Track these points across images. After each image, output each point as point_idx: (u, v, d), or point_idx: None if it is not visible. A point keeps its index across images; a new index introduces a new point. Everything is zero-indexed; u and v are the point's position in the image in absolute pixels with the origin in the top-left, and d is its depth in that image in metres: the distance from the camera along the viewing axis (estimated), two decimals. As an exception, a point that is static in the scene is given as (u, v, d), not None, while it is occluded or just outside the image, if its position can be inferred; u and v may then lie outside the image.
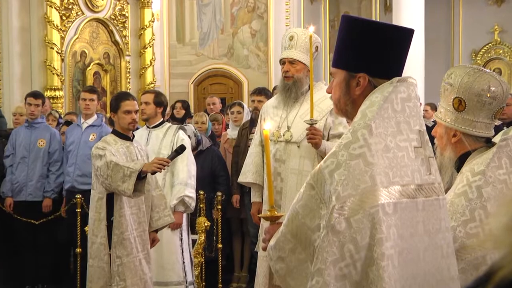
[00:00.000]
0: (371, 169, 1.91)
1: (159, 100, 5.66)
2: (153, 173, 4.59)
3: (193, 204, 5.63)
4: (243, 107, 7.47)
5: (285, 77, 4.62)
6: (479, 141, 2.60)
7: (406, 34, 2.13)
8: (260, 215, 2.38)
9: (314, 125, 4.28)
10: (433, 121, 9.53)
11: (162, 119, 5.76)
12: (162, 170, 4.56)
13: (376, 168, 1.92)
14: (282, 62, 4.66)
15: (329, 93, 2.24)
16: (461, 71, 2.60)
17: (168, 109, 8.38)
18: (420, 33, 12.23)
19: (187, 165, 5.58)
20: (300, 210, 2.00)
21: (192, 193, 5.59)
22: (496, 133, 2.62)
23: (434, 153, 2.72)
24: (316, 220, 1.96)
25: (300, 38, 4.59)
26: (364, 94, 2.09)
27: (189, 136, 6.07)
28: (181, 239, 5.68)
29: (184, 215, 5.69)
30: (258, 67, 14.66)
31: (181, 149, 4.73)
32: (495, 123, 2.63)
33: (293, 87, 4.61)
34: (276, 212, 2.25)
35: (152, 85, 13.33)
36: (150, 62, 13.16)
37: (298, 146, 4.55)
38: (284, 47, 4.65)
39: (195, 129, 6.92)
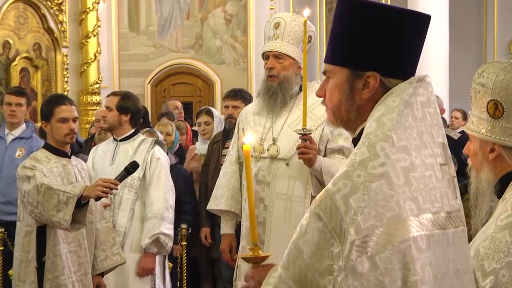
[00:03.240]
0: (397, 193, 1.92)
1: (124, 105, 5.64)
2: (97, 198, 4.56)
3: (170, 244, 5.62)
4: (212, 116, 7.47)
5: (269, 76, 4.62)
6: None
7: (423, 22, 2.15)
8: (241, 255, 2.36)
9: (307, 135, 4.29)
10: (459, 132, 9.59)
11: (132, 129, 5.75)
12: (109, 195, 4.54)
13: (403, 191, 1.93)
14: (266, 56, 4.66)
15: (320, 97, 2.24)
16: (496, 67, 2.61)
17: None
18: (444, 23, 12.37)
19: (163, 193, 5.57)
20: (304, 248, 1.97)
21: (170, 230, 5.58)
22: None
23: (467, 177, 2.73)
24: (325, 261, 1.94)
25: (289, 25, 4.59)
26: (374, 99, 2.08)
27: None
28: (154, 289, 5.67)
29: (158, 257, 5.69)
30: (235, 62, 14.70)
31: (132, 166, 4.71)
32: None
33: (279, 89, 4.60)
34: (260, 252, 2.23)
35: (97, 85, 13.31)
36: (95, 55, 13.14)
37: (287, 164, 4.54)
38: (268, 37, 4.65)
39: (163, 139, 6.92)
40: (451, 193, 2.05)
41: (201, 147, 7.42)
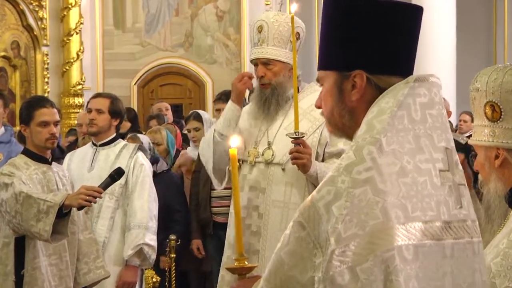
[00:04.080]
0: (383, 200, 1.92)
1: (117, 109, 5.67)
2: (80, 207, 4.56)
3: (153, 256, 5.62)
4: (202, 121, 7.44)
5: (261, 84, 4.63)
6: None
7: (412, 14, 2.15)
8: (225, 266, 2.37)
9: (300, 139, 4.29)
10: (467, 136, 9.60)
11: (115, 134, 5.76)
12: (92, 203, 4.54)
13: (390, 198, 1.93)
14: (254, 63, 4.68)
15: (318, 107, 2.25)
16: (488, 70, 2.64)
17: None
18: (451, 17, 12.38)
19: (147, 202, 5.57)
20: (286, 259, 2.00)
21: (154, 241, 5.57)
22: None
23: (479, 193, 2.72)
24: (308, 272, 1.95)
25: (272, 27, 4.58)
26: (366, 100, 2.09)
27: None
28: (135, 306, 5.67)
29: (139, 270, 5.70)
30: (227, 62, 14.70)
31: (117, 173, 4.70)
32: None
33: (272, 96, 4.61)
34: (246, 262, 2.23)
35: (80, 86, 13.29)
36: (77, 54, 13.12)
37: (283, 169, 4.54)
38: (254, 43, 4.64)
39: (151, 143, 6.89)
40: (453, 201, 2.04)
41: (193, 152, 7.41)
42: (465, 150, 5.68)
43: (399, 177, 1.96)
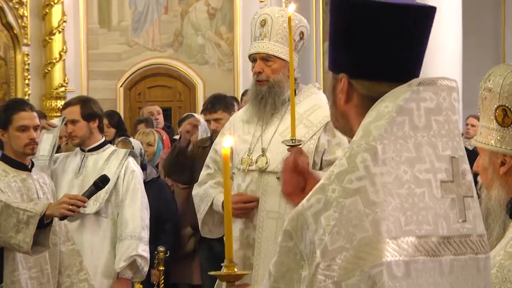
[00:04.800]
0: (374, 212, 1.91)
1: (89, 112, 5.64)
2: (62, 217, 4.56)
3: (146, 268, 5.63)
4: (197, 123, 7.46)
5: (258, 81, 4.63)
6: None
7: (414, 15, 2.12)
8: (213, 272, 2.38)
9: (297, 147, 4.28)
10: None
11: (102, 138, 5.75)
12: (75, 213, 4.53)
13: (382, 210, 1.92)
14: (253, 59, 4.67)
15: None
16: (503, 69, 2.63)
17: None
18: (456, 17, 12.38)
19: (139, 210, 5.58)
20: (273, 270, 2.01)
21: (146, 252, 5.58)
22: None
23: (479, 196, 2.71)
24: (294, 285, 1.96)
25: (277, 22, 4.59)
26: (355, 105, 2.10)
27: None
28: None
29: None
30: (219, 62, 14.70)
31: (102, 181, 4.70)
32: None
33: (268, 94, 4.61)
34: (235, 270, 2.23)
35: (63, 88, 13.27)
36: (60, 55, 13.12)
37: (278, 178, 4.54)
38: (254, 37, 4.65)
39: (142, 149, 6.90)
40: (456, 215, 2.02)
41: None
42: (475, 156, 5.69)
43: (394, 188, 1.95)
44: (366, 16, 2.07)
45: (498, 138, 2.61)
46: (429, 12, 2.11)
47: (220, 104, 6.82)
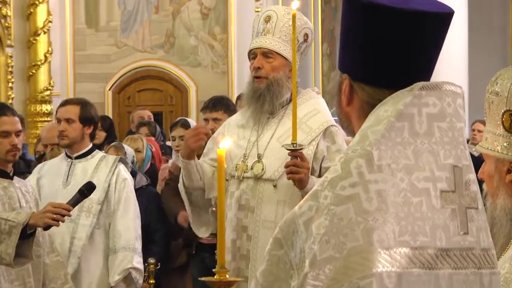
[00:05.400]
0: (366, 221, 1.91)
1: (88, 116, 5.63)
2: (46, 227, 4.55)
3: (141, 281, 5.64)
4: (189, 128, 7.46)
5: (256, 77, 4.62)
6: None
7: (431, 20, 2.11)
8: (204, 278, 2.38)
9: (298, 152, 4.28)
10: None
11: (91, 144, 5.74)
12: (60, 222, 4.52)
13: (375, 219, 1.91)
14: (253, 55, 4.67)
15: None
16: (511, 72, 2.64)
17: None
18: (462, 16, 12.39)
19: (132, 221, 5.58)
20: (261, 279, 2.01)
21: (141, 264, 5.60)
22: None
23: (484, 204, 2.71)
24: None
25: (281, 19, 4.61)
26: (356, 108, 2.11)
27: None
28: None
29: None
30: (213, 64, 14.70)
31: (88, 188, 4.70)
32: None
33: (266, 93, 4.60)
34: (227, 276, 2.22)
35: (48, 92, 13.27)
36: (45, 56, 13.11)
37: (275, 186, 4.54)
38: (257, 33, 4.65)
39: (135, 156, 6.88)
40: (456, 226, 2.01)
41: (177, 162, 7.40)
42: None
43: (389, 196, 1.94)
44: (375, 19, 2.06)
45: (505, 144, 2.61)
46: (446, 18, 2.11)
47: (222, 105, 6.83)
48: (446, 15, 2.10)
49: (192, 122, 7.75)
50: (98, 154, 5.74)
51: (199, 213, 4.81)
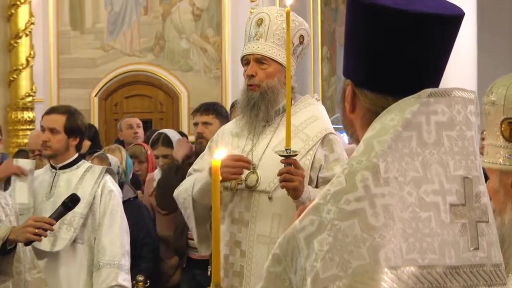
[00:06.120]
0: (372, 237, 1.91)
1: (75, 126, 5.58)
2: (28, 243, 4.55)
3: None
4: (172, 146, 7.39)
5: (249, 85, 4.62)
6: None
7: (438, 23, 2.09)
8: None
9: (292, 158, 4.27)
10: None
11: (76, 154, 5.71)
12: (42, 237, 4.52)
13: (381, 236, 1.92)
14: (245, 61, 4.67)
15: None
16: (506, 80, 2.64)
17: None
18: (470, 17, 12.38)
19: (119, 235, 5.55)
20: None
21: (128, 281, 5.56)
22: None
23: None
24: None
25: (275, 22, 4.59)
26: (360, 115, 2.12)
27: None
28: None
29: None
30: (206, 69, 14.72)
31: (72, 201, 4.69)
32: None
33: (261, 101, 4.59)
34: None
35: (30, 98, 13.26)
36: (27, 60, 13.09)
37: (270, 198, 4.53)
38: (249, 37, 4.65)
39: (120, 166, 6.88)
40: (467, 242, 2.01)
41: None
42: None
43: (396, 211, 1.95)
44: (378, 21, 2.07)
45: (507, 155, 2.62)
46: (454, 20, 2.10)
47: (214, 109, 6.84)
48: (455, 17, 2.10)
49: (174, 136, 7.62)
50: (84, 164, 5.72)
51: (204, 227, 4.81)
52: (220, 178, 4.43)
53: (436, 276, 1.97)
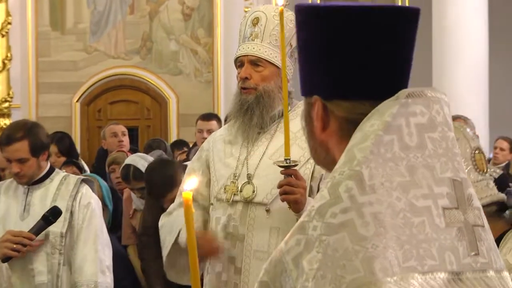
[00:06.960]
0: (365, 248, 1.91)
1: (39, 144, 5.53)
2: (5, 259, 4.58)
3: None
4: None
5: (243, 88, 4.63)
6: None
7: (396, 17, 2.13)
8: None
9: (292, 169, 4.28)
10: (504, 167, 9.69)
11: (48, 165, 5.66)
12: (20, 254, 4.54)
13: (374, 245, 1.92)
14: (239, 63, 4.67)
15: None
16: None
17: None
18: (482, 24, 12.42)
19: (96, 251, 5.51)
20: None
21: None
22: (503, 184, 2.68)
23: None
24: None
25: (272, 21, 4.61)
26: (334, 130, 2.13)
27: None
28: None
29: None
30: (196, 72, 14.74)
31: (52, 214, 4.72)
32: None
33: (255, 106, 4.59)
34: None
35: (7, 104, 13.27)
36: (4, 63, 13.13)
37: (268, 211, 4.52)
38: (244, 37, 4.65)
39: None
40: (466, 247, 2.02)
41: (140, 201, 7.32)
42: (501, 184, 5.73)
43: (386, 218, 1.95)
44: (336, 23, 2.09)
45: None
46: (415, 14, 2.15)
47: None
48: (415, 10, 2.15)
49: (144, 164, 7.45)
50: (58, 175, 5.63)
51: (181, 255, 4.80)
52: (193, 211, 4.48)
53: (440, 283, 1.97)
